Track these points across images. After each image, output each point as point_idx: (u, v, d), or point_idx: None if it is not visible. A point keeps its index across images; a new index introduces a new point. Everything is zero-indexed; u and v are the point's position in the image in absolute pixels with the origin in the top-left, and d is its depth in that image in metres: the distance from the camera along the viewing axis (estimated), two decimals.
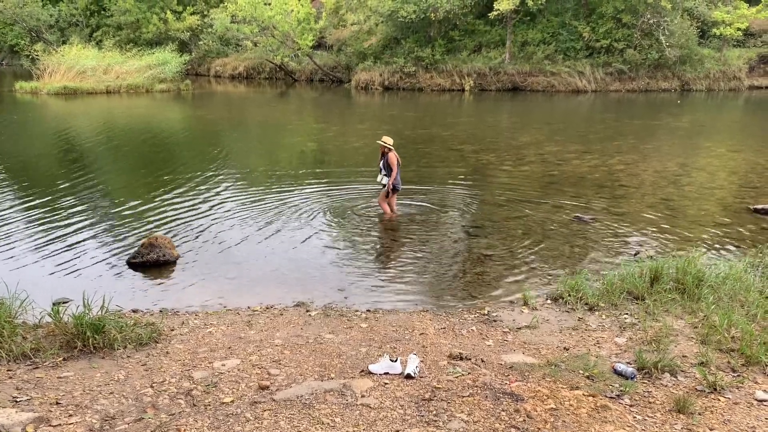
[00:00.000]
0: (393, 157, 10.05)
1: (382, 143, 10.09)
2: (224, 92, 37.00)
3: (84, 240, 9.11)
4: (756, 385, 4.82)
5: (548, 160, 15.46)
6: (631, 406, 4.47)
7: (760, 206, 10.91)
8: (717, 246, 9.12)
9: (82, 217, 10.22)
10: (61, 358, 5.09)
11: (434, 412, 4.28)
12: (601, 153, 16.44)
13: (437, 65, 36.19)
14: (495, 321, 6.40)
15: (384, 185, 10.23)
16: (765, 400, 4.56)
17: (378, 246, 9.16)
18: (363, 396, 4.55)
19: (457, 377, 4.91)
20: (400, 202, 10.85)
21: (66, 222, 9.95)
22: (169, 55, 36.92)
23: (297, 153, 17.59)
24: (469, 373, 4.98)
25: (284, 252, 8.80)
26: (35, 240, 9.08)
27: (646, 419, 4.26)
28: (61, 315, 5.56)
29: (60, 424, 4.04)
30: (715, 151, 17.39)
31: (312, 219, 10.29)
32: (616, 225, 10.04)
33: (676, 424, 4.20)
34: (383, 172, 10.15)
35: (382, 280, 7.82)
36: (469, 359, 5.33)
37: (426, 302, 7.15)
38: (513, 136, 20.40)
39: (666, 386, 4.81)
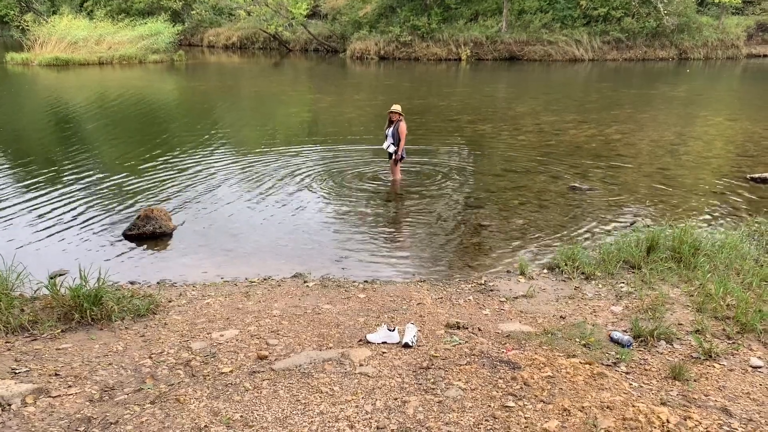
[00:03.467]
0: (404, 126, 10.05)
1: (397, 112, 10.04)
2: (218, 63, 36.61)
3: (80, 212, 9.07)
4: (750, 352, 4.86)
5: (545, 130, 15.39)
6: (627, 373, 4.51)
7: (756, 175, 10.91)
8: (713, 215, 9.13)
9: (78, 190, 10.16)
10: (59, 330, 5.10)
11: (432, 380, 4.30)
12: (598, 123, 16.37)
13: (433, 34, 35.82)
14: (492, 290, 6.42)
15: (391, 153, 10.26)
16: (759, 367, 4.60)
17: (375, 217, 9.14)
18: (361, 365, 4.58)
19: (454, 346, 4.93)
20: None
21: (61, 195, 9.90)
22: (161, 26, 36.48)
23: (292, 124, 17.47)
24: (466, 342, 5.01)
25: (281, 223, 8.78)
26: (31, 213, 9.03)
27: (642, 386, 4.30)
28: (58, 287, 5.56)
29: (59, 395, 4.05)
30: (712, 120, 17.32)
31: (308, 190, 10.26)
32: (612, 194, 10.04)
33: (671, 390, 4.24)
34: (391, 139, 10.13)
35: (380, 251, 7.82)
36: (466, 328, 5.36)
37: (423, 272, 7.16)
38: (510, 106, 20.29)
39: (662, 354, 4.84)
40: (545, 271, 6.94)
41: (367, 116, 17.60)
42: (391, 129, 10.09)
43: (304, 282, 6.72)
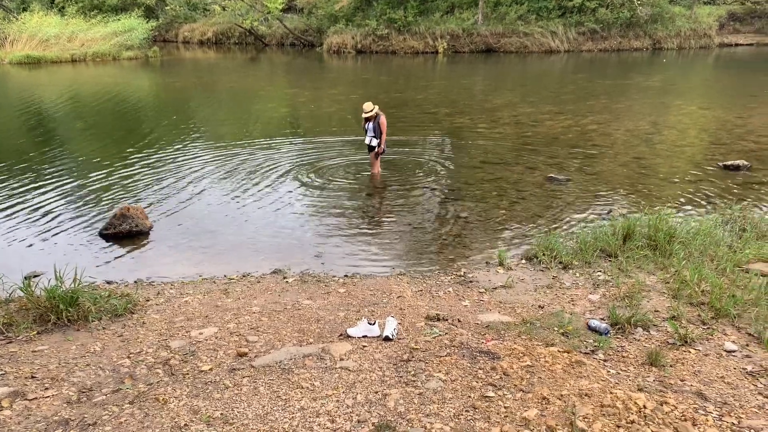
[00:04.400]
0: (384, 119, 10.09)
1: (367, 113, 10.01)
2: (193, 58, 36.22)
3: (55, 212, 8.93)
4: (725, 336, 4.94)
5: (522, 122, 15.47)
6: (605, 360, 4.57)
7: (729, 162, 11.08)
8: (688, 202, 9.26)
9: (52, 189, 10.00)
10: (34, 332, 5.03)
11: (412, 373, 4.32)
12: (574, 113, 16.49)
13: (410, 27, 35.78)
14: (471, 282, 6.45)
15: (373, 147, 10.29)
16: (733, 351, 4.68)
17: (354, 211, 9.13)
18: (342, 359, 4.58)
19: (434, 338, 4.95)
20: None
21: (35, 194, 9.74)
22: (135, 22, 36.00)
23: (269, 119, 17.35)
24: (446, 334, 5.03)
25: (259, 219, 8.73)
26: (4, 214, 8.88)
27: (619, 373, 4.36)
28: (33, 288, 5.48)
29: (36, 398, 4.00)
30: (686, 109, 17.53)
31: (286, 185, 10.21)
32: (589, 184, 10.13)
33: (648, 376, 4.30)
34: (372, 133, 10.16)
35: (359, 245, 7.82)
36: (446, 320, 5.38)
37: (403, 266, 7.17)
38: (487, 98, 20.35)
39: (639, 340, 4.91)
40: (524, 261, 6.99)
41: (345, 110, 17.54)
42: (371, 123, 10.09)
43: (284, 278, 6.70)
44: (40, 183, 10.37)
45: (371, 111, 9.97)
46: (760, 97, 19.09)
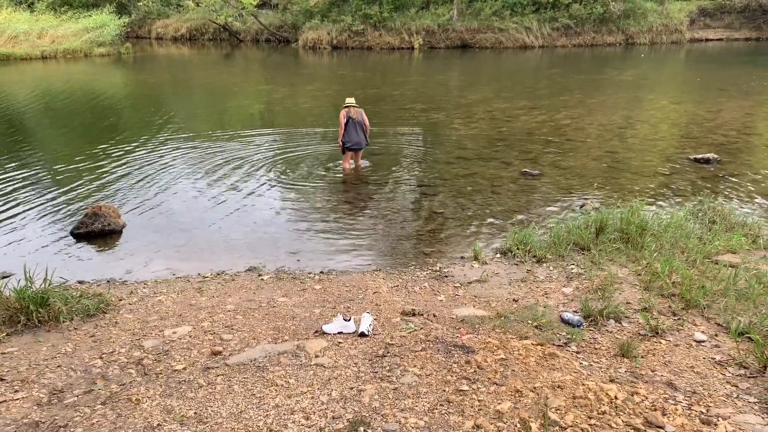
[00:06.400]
0: (341, 114, 10.15)
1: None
2: (167, 55, 35.78)
3: (25, 212, 8.78)
4: (695, 327, 5.02)
5: (497, 117, 15.56)
6: (577, 353, 4.62)
7: (699, 156, 11.26)
8: (659, 195, 9.39)
9: (22, 188, 9.83)
10: (4, 334, 4.94)
11: (387, 368, 4.33)
12: (548, 108, 16.61)
13: (385, 23, 35.74)
14: (446, 277, 6.48)
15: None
16: (703, 341, 4.76)
17: (330, 207, 9.12)
18: (317, 356, 4.57)
19: (409, 333, 4.97)
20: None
21: (5, 194, 9.56)
22: (107, 18, 35.49)
23: (244, 116, 17.23)
24: (421, 329, 5.05)
25: (234, 217, 8.67)
26: None
27: (592, 365, 4.41)
28: (2, 289, 5.38)
29: (5, 401, 3.94)
30: (658, 104, 17.78)
31: (261, 182, 10.15)
32: (562, 178, 10.22)
33: (620, 367, 4.36)
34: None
35: (335, 242, 7.81)
36: (422, 315, 5.40)
37: (379, 261, 7.18)
38: (462, 94, 20.42)
39: (611, 332, 4.97)
40: (498, 255, 7.04)
41: (321, 107, 17.49)
42: None
43: (259, 275, 6.67)
44: (9, 182, 10.18)
45: (347, 103, 10.28)
46: (730, 91, 19.41)
